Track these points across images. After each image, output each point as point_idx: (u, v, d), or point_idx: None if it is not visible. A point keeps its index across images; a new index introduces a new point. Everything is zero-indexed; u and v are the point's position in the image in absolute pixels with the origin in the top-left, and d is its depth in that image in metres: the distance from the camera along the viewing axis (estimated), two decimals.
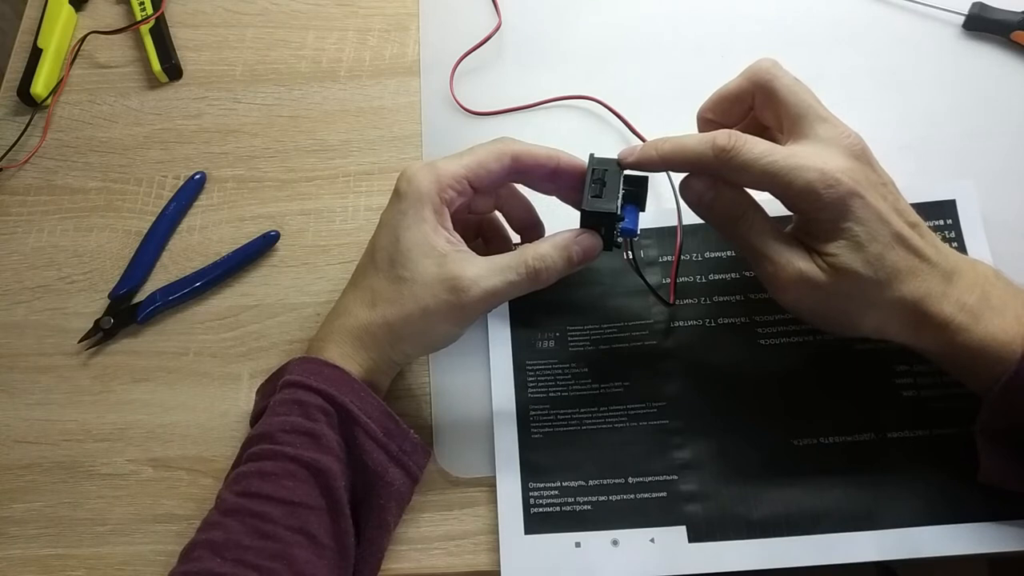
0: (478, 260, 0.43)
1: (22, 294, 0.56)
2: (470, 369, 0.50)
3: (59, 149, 0.61)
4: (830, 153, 0.41)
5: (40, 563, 0.48)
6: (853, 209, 0.40)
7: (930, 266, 0.40)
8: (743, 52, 0.60)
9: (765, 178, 0.41)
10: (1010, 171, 0.53)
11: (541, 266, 0.43)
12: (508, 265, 0.43)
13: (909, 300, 0.40)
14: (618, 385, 0.49)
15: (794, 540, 0.44)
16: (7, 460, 0.51)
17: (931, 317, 0.40)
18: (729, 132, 0.41)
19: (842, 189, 0.39)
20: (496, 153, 0.44)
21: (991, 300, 0.40)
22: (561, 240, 0.43)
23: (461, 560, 0.46)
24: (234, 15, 0.65)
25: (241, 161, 0.59)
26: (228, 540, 0.39)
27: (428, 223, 0.43)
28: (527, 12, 0.63)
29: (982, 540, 0.43)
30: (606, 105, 0.58)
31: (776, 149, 0.41)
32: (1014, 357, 0.39)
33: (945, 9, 0.59)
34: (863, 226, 0.40)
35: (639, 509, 0.46)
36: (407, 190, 0.43)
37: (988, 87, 0.57)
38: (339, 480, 0.41)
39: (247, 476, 0.41)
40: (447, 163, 0.44)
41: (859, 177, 0.40)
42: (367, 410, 0.43)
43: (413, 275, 0.42)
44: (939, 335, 0.41)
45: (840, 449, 0.46)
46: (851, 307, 0.41)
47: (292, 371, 0.43)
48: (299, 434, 0.41)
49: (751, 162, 0.40)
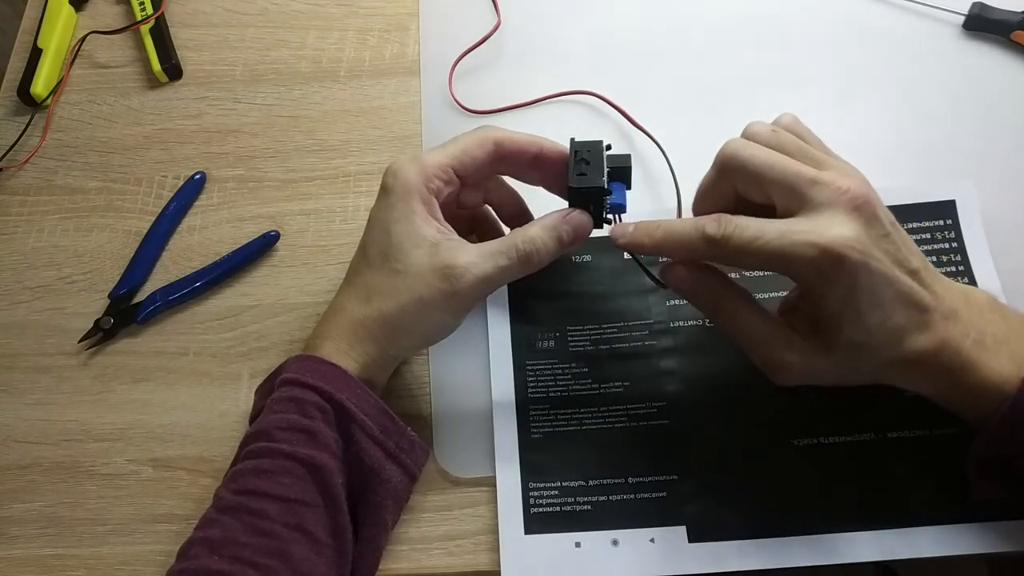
0: (469, 247, 0.43)
1: (22, 294, 0.56)
2: (470, 369, 0.50)
3: (59, 149, 0.61)
4: (828, 220, 0.38)
5: (40, 563, 0.48)
6: (857, 280, 0.38)
7: (928, 315, 0.40)
8: (743, 52, 0.60)
9: (762, 261, 0.39)
10: (1010, 171, 0.54)
11: (532, 248, 0.42)
12: (499, 250, 0.43)
13: (909, 356, 0.40)
14: (618, 385, 0.49)
15: (794, 540, 0.44)
16: (7, 460, 0.51)
17: (927, 367, 0.40)
18: (718, 218, 0.40)
19: (845, 265, 0.38)
20: (479, 140, 0.45)
21: (985, 340, 0.40)
22: (550, 221, 0.43)
23: (461, 560, 0.46)
24: (234, 15, 0.65)
25: (241, 161, 0.59)
26: (225, 538, 0.39)
27: (417, 214, 0.43)
28: (527, 12, 0.63)
29: (982, 540, 0.43)
30: (605, 99, 0.58)
31: (767, 229, 0.39)
32: (1005, 396, 0.39)
33: (945, 9, 0.59)
34: (866, 294, 0.38)
35: (639, 509, 0.46)
36: (393, 184, 0.44)
37: (988, 87, 0.57)
38: (336, 477, 0.41)
39: (244, 474, 0.41)
40: (431, 154, 0.44)
41: (861, 242, 0.38)
42: (363, 407, 0.43)
43: (406, 267, 0.42)
44: (934, 383, 0.41)
45: (840, 449, 0.46)
46: (849, 373, 0.42)
47: (289, 369, 0.43)
48: (296, 431, 0.41)
49: (744, 247, 0.39)
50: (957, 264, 0.50)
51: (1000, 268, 0.49)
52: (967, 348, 0.40)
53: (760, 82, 0.58)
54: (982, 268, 0.49)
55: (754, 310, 0.42)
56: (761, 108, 0.57)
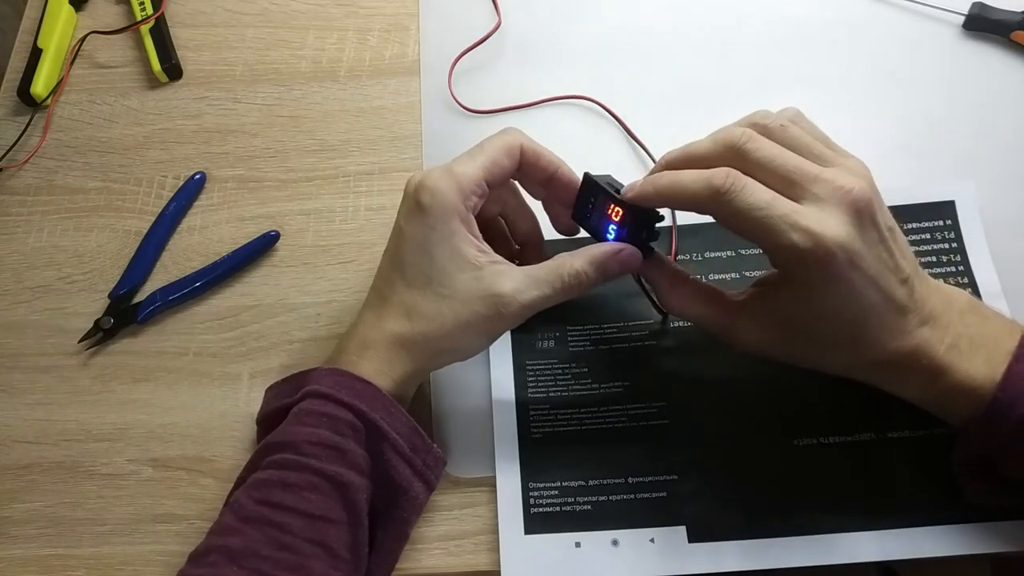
0: (514, 272, 0.43)
1: (22, 294, 0.56)
2: (470, 369, 0.50)
3: (59, 149, 0.61)
4: (827, 216, 0.38)
5: (40, 563, 0.48)
6: (838, 282, 0.38)
7: (905, 320, 0.39)
8: (743, 52, 0.60)
9: (755, 231, 0.39)
10: (1010, 171, 0.53)
11: (576, 283, 0.43)
12: (545, 279, 0.43)
13: (880, 359, 0.40)
14: (618, 385, 0.49)
15: (794, 540, 0.44)
16: (7, 460, 0.51)
17: (898, 370, 0.40)
18: (728, 172, 0.39)
19: (831, 264, 0.37)
20: (507, 148, 0.44)
21: (960, 345, 0.40)
22: (599, 256, 0.44)
23: (461, 560, 0.46)
24: (234, 15, 0.65)
25: (241, 161, 0.59)
26: (246, 548, 0.39)
27: (458, 235, 0.43)
28: (527, 12, 0.63)
29: (982, 540, 0.43)
30: (603, 106, 0.58)
31: (776, 203, 0.38)
32: (980, 399, 0.39)
33: (945, 9, 0.59)
34: (843, 297, 0.38)
35: (639, 509, 0.46)
36: (432, 204, 0.42)
37: (988, 87, 0.57)
38: (361, 493, 0.41)
39: (268, 484, 0.41)
40: (464, 167, 0.43)
41: (853, 245, 0.37)
42: (396, 426, 0.42)
43: (452, 291, 0.42)
44: (906, 386, 0.41)
45: (840, 449, 0.46)
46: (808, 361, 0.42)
47: (321, 382, 0.43)
48: (325, 447, 0.41)
49: (744, 210, 0.38)
50: (956, 264, 0.50)
51: (1000, 268, 0.49)
52: (941, 353, 0.39)
53: (760, 82, 0.58)
54: (981, 268, 0.49)
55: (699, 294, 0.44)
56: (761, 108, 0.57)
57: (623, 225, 0.44)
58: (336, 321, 0.53)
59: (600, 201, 0.44)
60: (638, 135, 0.57)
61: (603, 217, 0.44)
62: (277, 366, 0.52)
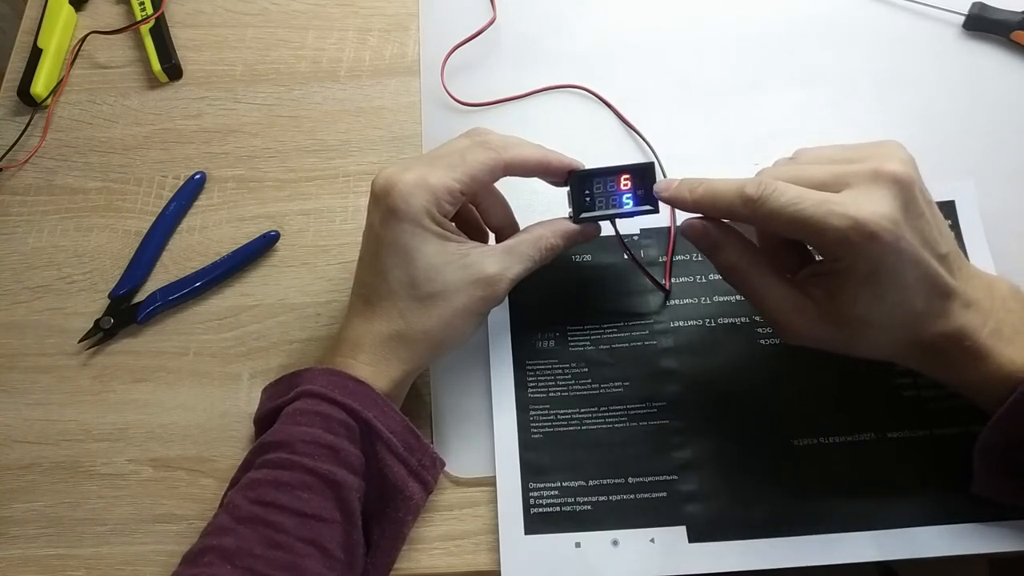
0: (493, 251, 0.45)
1: (22, 294, 0.56)
2: (470, 369, 0.50)
3: (59, 149, 0.61)
4: (866, 195, 0.39)
5: (40, 563, 0.48)
6: (884, 258, 0.38)
7: (949, 302, 0.40)
8: (742, 51, 0.60)
9: (795, 226, 0.40)
10: (1010, 171, 0.54)
11: (551, 254, 0.47)
12: (527, 254, 0.46)
13: (924, 340, 0.40)
14: (618, 385, 0.49)
15: (794, 540, 0.44)
16: (7, 460, 0.51)
17: (941, 353, 0.41)
18: (760, 181, 0.40)
19: (876, 241, 0.38)
20: (490, 168, 0.45)
21: (1003, 330, 0.40)
22: (570, 229, 0.47)
23: (461, 560, 0.46)
24: (234, 15, 0.65)
25: (241, 161, 0.59)
26: (240, 548, 0.39)
27: (433, 232, 0.44)
28: (523, 7, 0.63)
29: (982, 540, 0.43)
30: (595, 93, 0.58)
31: (806, 196, 0.39)
32: (1018, 384, 0.39)
33: (945, 9, 0.59)
34: (891, 274, 0.39)
35: (639, 509, 0.46)
36: (405, 209, 0.43)
37: (988, 87, 0.57)
38: (355, 493, 0.41)
39: (262, 484, 0.41)
40: (439, 177, 0.43)
41: (895, 221, 0.38)
42: (390, 425, 0.43)
43: (444, 286, 0.44)
44: (948, 368, 0.42)
45: (840, 449, 0.46)
46: (856, 346, 0.42)
47: (314, 382, 0.43)
48: (319, 446, 0.41)
49: (778, 210, 0.39)
50: None
51: (1000, 268, 0.49)
52: (984, 337, 0.40)
53: (759, 82, 0.58)
54: (982, 267, 0.49)
55: (769, 271, 0.43)
56: (760, 107, 0.58)
57: (636, 188, 0.46)
58: (336, 321, 0.53)
59: (602, 183, 0.47)
60: (630, 122, 0.57)
61: (614, 193, 0.47)
62: (277, 366, 0.52)
